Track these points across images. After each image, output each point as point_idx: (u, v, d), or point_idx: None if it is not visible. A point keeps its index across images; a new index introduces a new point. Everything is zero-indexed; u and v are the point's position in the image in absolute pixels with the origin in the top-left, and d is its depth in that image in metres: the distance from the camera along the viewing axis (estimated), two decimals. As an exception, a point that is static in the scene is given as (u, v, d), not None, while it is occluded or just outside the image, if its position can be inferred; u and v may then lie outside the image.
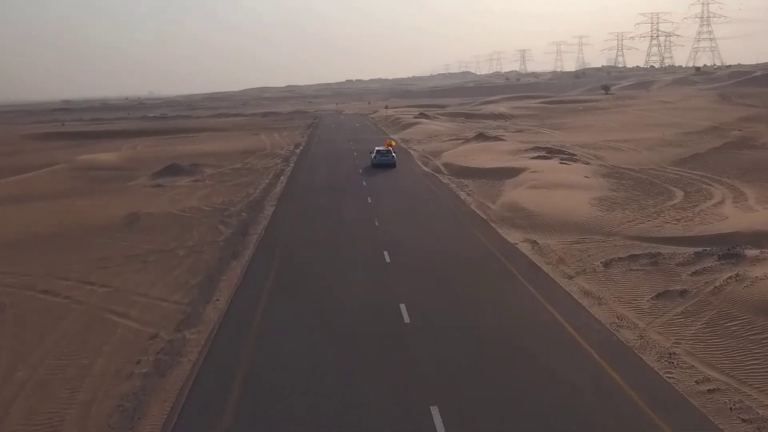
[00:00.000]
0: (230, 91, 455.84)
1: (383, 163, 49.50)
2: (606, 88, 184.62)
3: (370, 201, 35.98)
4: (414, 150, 62.96)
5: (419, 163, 53.15)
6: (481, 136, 64.85)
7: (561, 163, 43.31)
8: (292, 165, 54.95)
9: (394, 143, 59.09)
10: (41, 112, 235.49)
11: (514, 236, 26.84)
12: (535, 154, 48.33)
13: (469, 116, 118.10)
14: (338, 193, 39.12)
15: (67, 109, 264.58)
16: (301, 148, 70.75)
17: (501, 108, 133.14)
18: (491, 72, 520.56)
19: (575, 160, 45.95)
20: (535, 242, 25.45)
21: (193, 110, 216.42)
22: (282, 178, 47.19)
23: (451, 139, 70.97)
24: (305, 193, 40.21)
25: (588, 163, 45.10)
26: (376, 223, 29.94)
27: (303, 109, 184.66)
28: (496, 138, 63.25)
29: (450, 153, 54.15)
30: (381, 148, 51.76)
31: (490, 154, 50.75)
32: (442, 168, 48.08)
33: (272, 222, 31.60)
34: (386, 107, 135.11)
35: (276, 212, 34.10)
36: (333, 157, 59.83)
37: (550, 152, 49.11)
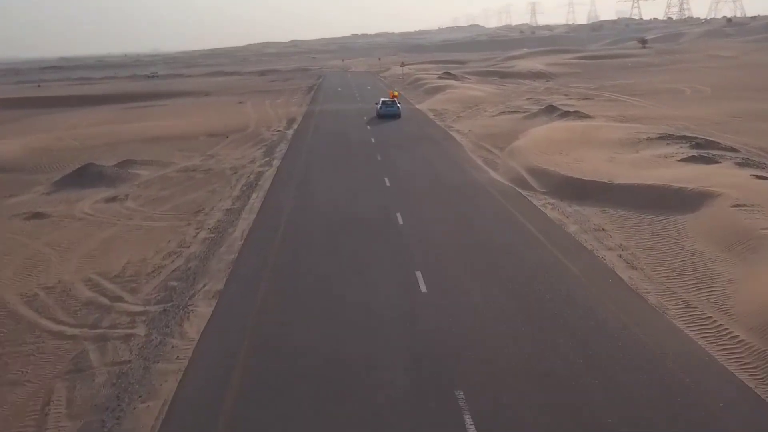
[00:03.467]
0: (234, 46, 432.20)
1: (389, 114, 51.60)
2: (643, 42, 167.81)
3: (422, 286, 16.28)
4: (458, 132, 43.07)
5: (479, 161, 32.75)
6: (553, 110, 45.15)
7: (756, 177, 23.68)
8: (277, 162, 35.54)
9: (397, 94, 61.69)
10: (29, 71, 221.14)
11: None
12: (682, 152, 28.67)
13: (503, 75, 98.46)
14: (354, 245, 19.62)
15: (59, 67, 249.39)
16: (296, 126, 51.21)
17: (536, 65, 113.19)
18: (501, 25, 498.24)
19: (756, 165, 26.69)
20: None
21: (189, 68, 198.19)
22: (254, 196, 27.48)
23: (503, 112, 51.42)
24: (290, 243, 20.70)
25: (781, 170, 25.79)
26: (461, 397, 10.64)
27: (306, 66, 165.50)
28: (578, 114, 43.46)
29: (527, 144, 33.26)
30: (386, 99, 54.21)
31: (595, 149, 31.12)
32: (525, 175, 28.20)
33: (190, 382, 12.20)
34: (402, 64, 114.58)
35: (213, 328, 14.66)
36: (341, 145, 40.48)
37: (699, 146, 29.77)
